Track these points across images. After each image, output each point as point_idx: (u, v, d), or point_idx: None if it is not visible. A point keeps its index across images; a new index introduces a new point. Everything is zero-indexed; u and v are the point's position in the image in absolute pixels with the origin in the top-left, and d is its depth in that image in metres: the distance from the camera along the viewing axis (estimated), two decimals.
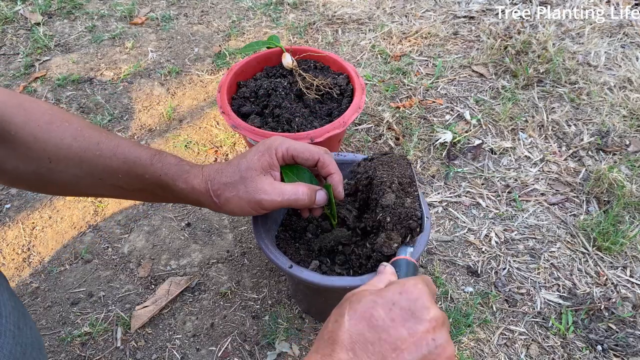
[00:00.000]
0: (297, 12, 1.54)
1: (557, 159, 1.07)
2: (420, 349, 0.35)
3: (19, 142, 0.49)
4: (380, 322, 0.36)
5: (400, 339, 0.35)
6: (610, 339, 0.78)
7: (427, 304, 0.37)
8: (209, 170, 0.56)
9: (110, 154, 0.53)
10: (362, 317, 0.36)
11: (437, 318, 0.37)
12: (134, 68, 1.33)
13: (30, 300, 0.86)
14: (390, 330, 0.35)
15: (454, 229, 0.95)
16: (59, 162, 0.51)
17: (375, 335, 0.35)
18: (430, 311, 0.37)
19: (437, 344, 0.35)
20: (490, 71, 1.30)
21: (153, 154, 0.55)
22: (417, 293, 0.38)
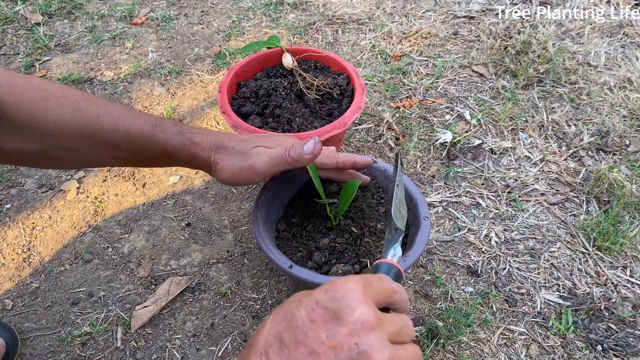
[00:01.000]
0: (297, 12, 1.54)
1: (557, 159, 1.07)
2: (338, 354, 0.30)
3: (17, 123, 0.48)
4: (299, 323, 0.32)
5: (318, 342, 0.31)
6: (610, 339, 0.78)
7: (353, 303, 0.32)
8: (214, 141, 0.56)
9: (111, 127, 0.52)
10: (284, 318, 0.33)
11: (364, 320, 0.31)
12: (134, 68, 1.33)
13: (30, 300, 0.86)
14: (309, 332, 0.31)
15: (454, 229, 0.95)
16: (60, 139, 0.50)
17: (292, 337, 0.31)
18: (355, 312, 0.31)
19: (361, 349, 0.30)
20: (490, 71, 1.30)
21: (154, 124, 0.54)
22: (344, 291, 0.33)
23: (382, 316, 0.33)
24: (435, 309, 0.83)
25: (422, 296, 0.85)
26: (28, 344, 0.80)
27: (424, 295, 0.85)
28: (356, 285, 0.33)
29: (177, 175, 1.07)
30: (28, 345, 0.80)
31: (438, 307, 0.83)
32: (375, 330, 0.32)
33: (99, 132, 0.51)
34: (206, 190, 1.03)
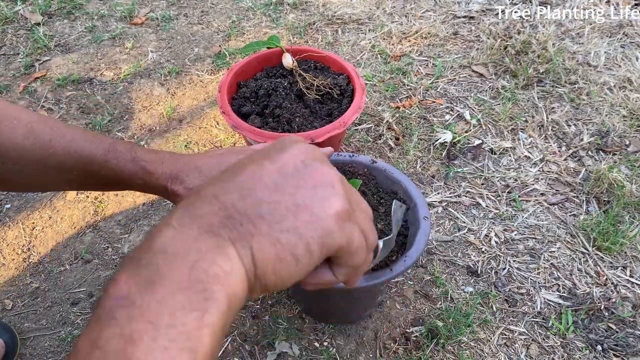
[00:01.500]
0: (297, 12, 1.54)
1: (557, 159, 1.07)
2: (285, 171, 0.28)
3: None
4: (237, 164, 0.30)
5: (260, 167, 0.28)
6: (610, 339, 0.78)
7: (295, 140, 0.31)
8: (170, 172, 0.53)
9: (63, 151, 0.50)
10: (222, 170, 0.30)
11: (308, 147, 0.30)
12: (134, 68, 1.33)
13: (30, 300, 0.86)
14: (249, 164, 0.29)
15: (454, 229, 0.95)
16: (13, 162, 0.49)
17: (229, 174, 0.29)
18: (298, 143, 0.30)
19: (307, 164, 0.29)
20: (490, 71, 1.30)
21: (108, 149, 0.52)
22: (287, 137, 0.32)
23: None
24: (435, 309, 0.83)
25: (422, 296, 0.85)
26: (28, 344, 0.80)
27: (424, 295, 0.85)
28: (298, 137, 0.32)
29: None
30: (28, 346, 0.80)
31: (438, 307, 0.83)
32: (322, 156, 0.30)
33: (51, 156, 0.50)
34: None
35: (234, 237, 0.26)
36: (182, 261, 0.24)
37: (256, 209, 0.27)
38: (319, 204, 0.28)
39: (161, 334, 0.22)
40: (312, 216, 0.27)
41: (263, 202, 0.27)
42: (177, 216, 0.27)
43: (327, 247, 0.28)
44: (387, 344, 0.79)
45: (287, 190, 0.28)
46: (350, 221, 0.29)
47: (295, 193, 0.28)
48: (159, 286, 0.24)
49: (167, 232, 0.26)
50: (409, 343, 0.79)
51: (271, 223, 0.27)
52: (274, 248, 0.26)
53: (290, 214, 0.27)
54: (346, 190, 0.29)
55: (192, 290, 0.24)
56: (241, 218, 0.26)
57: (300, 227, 0.27)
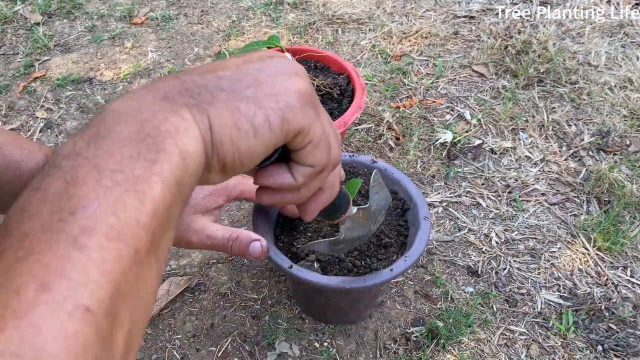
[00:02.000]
0: (297, 12, 1.54)
1: (558, 159, 1.07)
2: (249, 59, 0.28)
3: None
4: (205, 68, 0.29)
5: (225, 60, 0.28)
6: (610, 339, 0.78)
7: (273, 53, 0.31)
8: None
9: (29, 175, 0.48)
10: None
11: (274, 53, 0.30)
12: (133, 68, 1.33)
13: None
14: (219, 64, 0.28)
15: (454, 229, 0.95)
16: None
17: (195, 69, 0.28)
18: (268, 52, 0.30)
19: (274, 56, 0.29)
20: (491, 71, 1.30)
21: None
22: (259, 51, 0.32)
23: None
24: (436, 309, 0.83)
25: (422, 296, 0.85)
26: None
27: (424, 295, 0.85)
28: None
29: None
30: None
31: (438, 307, 0.83)
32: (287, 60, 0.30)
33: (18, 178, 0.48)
34: None
35: (190, 104, 0.25)
36: (133, 119, 0.23)
37: (216, 82, 0.26)
38: (282, 79, 0.27)
39: (106, 176, 0.21)
40: (274, 89, 0.27)
41: (223, 79, 0.26)
42: (135, 89, 0.26)
43: (287, 123, 0.27)
44: (387, 344, 0.79)
45: (251, 71, 0.27)
46: (313, 108, 0.28)
47: (258, 74, 0.27)
48: (106, 139, 0.23)
49: (121, 98, 0.25)
50: (409, 343, 0.79)
51: (230, 93, 0.26)
52: (232, 117, 0.26)
53: (252, 87, 0.26)
54: (309, 82, 0.29)
55: (142, 143, 0.23)
56: (199, 90, 0.26)
57: (261, 98, 0.26)
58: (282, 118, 0.26)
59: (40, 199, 0.21)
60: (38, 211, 0.20)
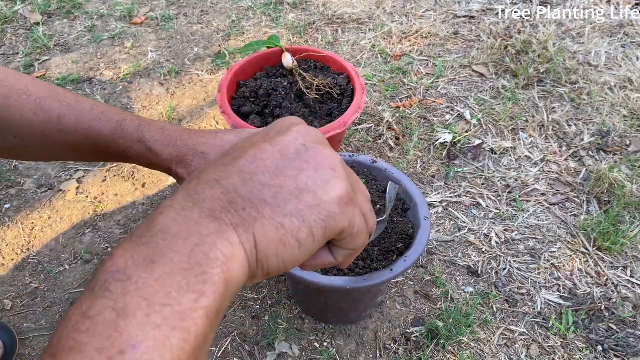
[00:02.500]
0: (297, 11, 1.54)
1: (558, 159, 1.07)
2: (286, 154, 0.28)
3: None
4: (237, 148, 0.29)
5: (261, 150, 0.28)
6: (610, 339, 0.78)
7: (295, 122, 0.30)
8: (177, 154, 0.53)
9: (72, 129, 0.51)
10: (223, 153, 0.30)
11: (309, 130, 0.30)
12: (133, 68, 1.33)
13: (30, 300, 0.86)
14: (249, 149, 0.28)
15: (454, 229, 0.95)
16: (23, 137, 0.50)
17: (230, 158, 0.28)
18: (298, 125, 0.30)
19: (309, 147, 0.29)
20: (491, 71, 1.30)
21: (115, 129, 0.52)
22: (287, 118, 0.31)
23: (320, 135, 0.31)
24: (436, 309, 0.83)
25: (422, 296, 0.85)
26: (27, 344, 0.80)
27: (424, 295, 0.85)
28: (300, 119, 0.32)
29: None
30: (27, 346, 0.80)
31: (438, 307, 0.83)
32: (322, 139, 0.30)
33: (59, 133, 0.50)
34: None
35: (236, 222, 0.26)
36: (183, 243, 0.24)
37: (258, 192, 0.27)
38: (322, 187, 0.27)
39: (155, 310, 0.22)
40: (315, 199, 0.27)
41: (265, 185, 0.27)
42: (179, 199, 0.26)
43: (330, 231, 0.28)
44: (387, 344, 0.79)
45: (289, 173, 0.27)
46: (352, 204, 0.29)
47: (297, 176, 0.27)
48: (157, 265, 0.23)
49: (169, 214, 0.25)
50: (409, 343, 0.79)
51: (274, 207, 0.26)
52: (277, 233, 0.26)
53: (294, 198, 0.27)
54: (347, 173, 0.29)
55: (191, 272, 0.24)
56: (244, 202, 0.26)
57: (304, 211, 0.27)
58: (325, 227, 0.27)
59: (89, 329, 0.21)
60: (86, 344, 0.21)
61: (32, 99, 0.49)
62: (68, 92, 0.52)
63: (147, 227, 0.25)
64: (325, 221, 0.27)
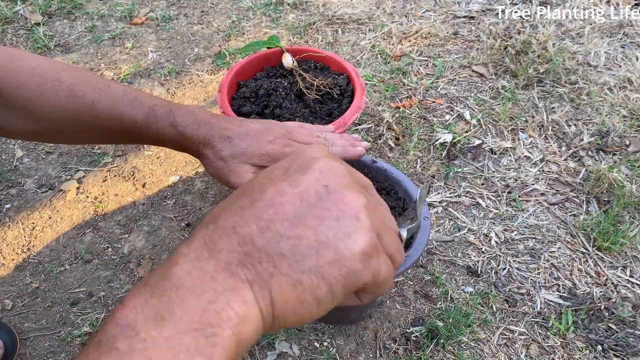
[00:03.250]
0: (297, 12, 1.54)
1: (557, 159, 1.07)
2: (305, 199, 0.26)
3: (15, 105, 0.48)
4: (256, 186, 0.27)
5: (280, 192, 0.26)
6: (610, 339, 0.78)
7: (318, 155, 0.28)
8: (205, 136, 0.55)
9: (106, 115, 0.52)
10: (236, 193, 0.28)
11: (333, 166, 0.27)
12: (134, 68, 1.33)
13: (30, 300, 0.86)
14: (268, 188, 0.27)
15: (454, 229, 0.95)
16: (58, 122, 0.51)
17: (248, 199, 0.27)
18: (321, 160, 0.27)
19: (331, 189, 0.26)
20: (490, 71, 1.30)
21: (148, 113, 0.54)
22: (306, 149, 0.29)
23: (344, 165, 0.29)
24: (435, 309, 0.83)
25: (422, 296, 0.85)
26: (28, 344, 0.80)
27: (424, 295, 0.85)
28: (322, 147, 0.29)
29: (177, 175, 1.07)
30: (28, 346, 0.80)
31: (438, 307, 0.83)
32: (345, 176, 0.27)
33: (94, 119, 0.51)
34: (206, 190, 1.03)
35: (252, 278, 0.24)
36: (196, 300, 0.23)
37: (276, 245, 0.25)
38: (344, 240, 0.25)
39: None
40: (336, 254, 0.25)
41: (283, 237, 0.25)
42: (195, 246, 0.25)
43: (351, 286, 0.26)
44: (387, 344, 0.79)
45: (309, 222, 0.25)
46: (376, 255, 0.26)
47: (317, 226, 0.25)
48: (168, 323, 0.22)
49: (184, 264, 0.25)
50: (409, 343, 0.79)
51: (292, 262, 0.25)
52: (295, 290, 0.25)
53: (313, 252, 0.25)
54: (372, 217, 0.27)
55: (201, 332, 0.23)
56: (260, 256, 0.25)
57: (323, 267, 0.25)
58: (346, 284, 0.25)
59: None
60: None
61: (66, 86, 0.50)
62: (99, 78, 0.53)
63: (162, 277, 0.24)
64: (347, 278, 0.25)
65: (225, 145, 0.55)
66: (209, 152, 0.55)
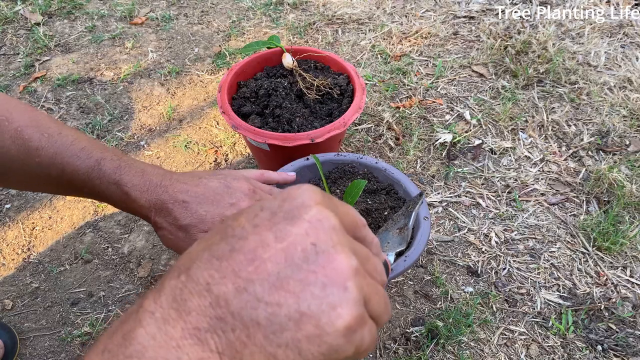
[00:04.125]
0: (297, 12, 1.54)
1: (557, 159, 1.07)
2: (290, 257, 0.23)
3: None
4: (237, 231, 0.24)
5: (262, 245, 0.23)
6: (610, 339, 0.78)
7: (309, 202, 0.25)
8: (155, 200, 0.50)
9: (49, 162, 0.48)
10: (217, 231, 0.25)
11: (323, 218, 0.24)
12: (134, 68, 1.33)
13: (30, 300, 0.86)
14: (250, 237, 0.24)
15: (454, 229, 0.95)
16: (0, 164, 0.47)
17: (227, 247, 0.24)
18: (312, 210, 0.24)
19: (320, 250, 0.23)
20: (490, 71, 1.30)
21: (92, 167, 0.49)
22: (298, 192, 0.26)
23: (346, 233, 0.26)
24: (435, 309, 0.83)
25: (422, 296, 0.85)
26: (28, 344, 0.80)
27: (424, 295, 0.85)
28: (314, 188, 0.26)
29: None
30: (28, 345, 0.80)
31: (438, 307, 0.83)
32: (337, 231, 0.24)
33: (37, 165, 0.48)
34: None
35: (222, 348, 0.22)
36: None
37: (253, 310, 0.23)
38: (328, 313, 0.23)
39: None
40: (317, 329, 0.23)
41: (262, 302, 0.23)
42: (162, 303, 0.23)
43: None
44: (387, 344, 0.79)
45: (292, 287, 0.23)
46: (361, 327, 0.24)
47: (300, 293, 0.23)
48: None
49: (148, 326, 0.22)
50: (409, 343, 0.79)
51: (268, 333, 0.22)
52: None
53: (292, 324, 0.22)
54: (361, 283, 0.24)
55: None
56: (234, 322, 0.22)
57: (302, 342, 0.22)
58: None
59: None
60: None
61: (13, 127, 0.47)
62: (54, 123, 0.50)
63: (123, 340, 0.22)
64: (326, 355, 0.23)
65: (181, 211, 0.50)
66: (163, 221, 0.50)
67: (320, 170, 0.63)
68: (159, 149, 1.12)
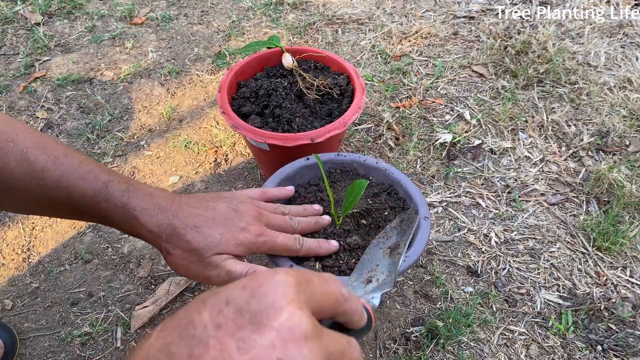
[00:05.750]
0: (297, 12, 1.54)
1: (557, 159, 1.07)
2: None
3: None
4: (198, 331, 0.22)
5: (223, 356, 0.21)
6: (610, 339, 0.78)
7: (280, 302, 0.23)
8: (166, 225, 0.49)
9: (54, 185, 0.47)
10: (177, 325, 0.23)
11: (293, 325, 0.22)
12: (134, 68, 1.33)
13: (30, 300, 0.86)
14: (211, 341, 0.22)
15: (454, 229, 0.95)
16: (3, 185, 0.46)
17: (186, 350, 0.22)
18: (282, 314, 0.22)
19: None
20: (490, 71, 1.30)
21: (99, 190, 0.48)
22: (269, 286, 0.23)
23: (320, 328, 0.24)
24: (435, 309, 0.83)
25: (422, 296, 0.85)
26: (28, 344, 0.80)
27: (424, 295, 0.85)
28: (287, 278, 0.24)
29: (177, 175, 1.07)
30: (28, 346, 0.80)
31: (438, 307, 0.83)
32: (308, 341, 0.22)
33: (41, 188, 0.47)
34: (206, 190, 1.03)
35: None
36: None
37: None
38: None
39: None
40: None
41: None
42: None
43: None
44: (387, 344, 0.79)
45: None
46: None
47: None
48: None
49: None
50: (409, 343, 0.79)
51: None
52: None
53: None
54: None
55: None
56: None
57: None
58: None
59: None
60: None
61: (19, 148, 0.46)
62: (60, 145, 0.49)
63: None
64: None
65: (194, 235, 0.49)
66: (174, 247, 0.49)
67: (322, 170, 0.62)
68: (158, 149, 1.12)
